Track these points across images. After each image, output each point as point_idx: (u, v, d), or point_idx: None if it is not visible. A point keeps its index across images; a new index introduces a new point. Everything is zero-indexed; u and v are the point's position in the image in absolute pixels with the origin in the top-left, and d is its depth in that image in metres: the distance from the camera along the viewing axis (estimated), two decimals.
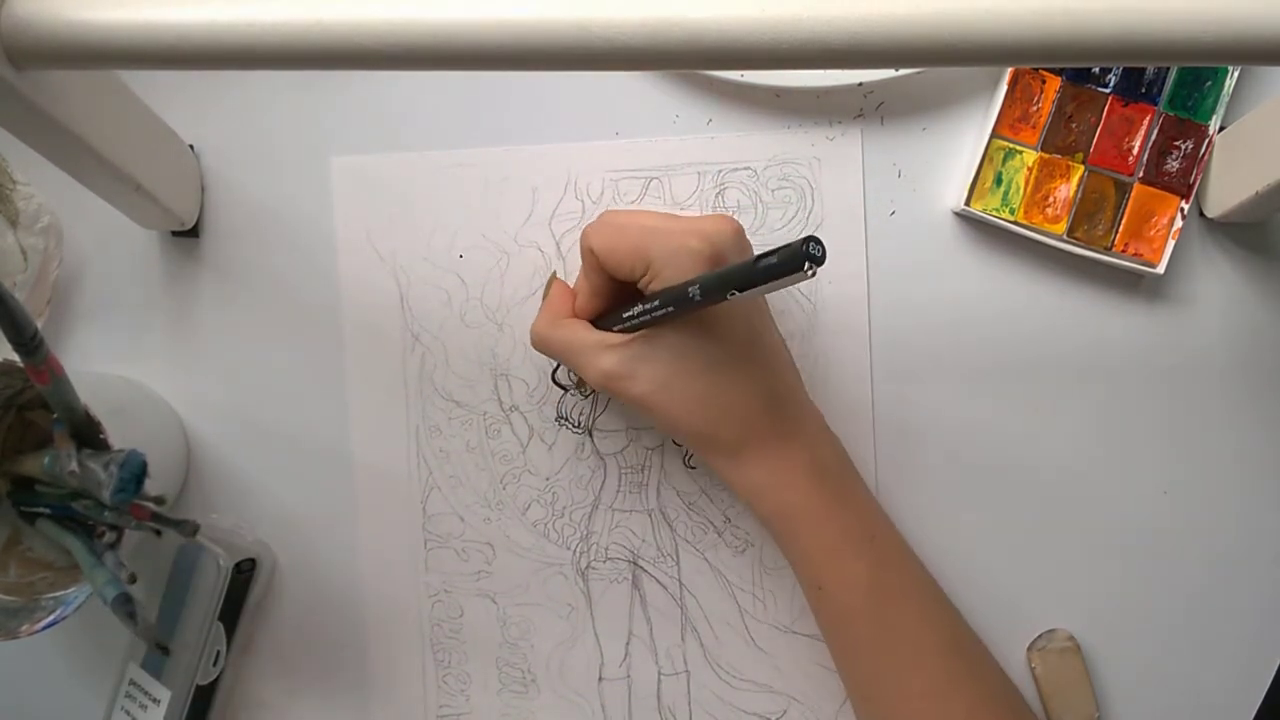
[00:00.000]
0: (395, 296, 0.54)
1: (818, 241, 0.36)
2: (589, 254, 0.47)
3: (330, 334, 0.54)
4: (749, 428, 0.47)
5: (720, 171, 0.53)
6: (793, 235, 0.53)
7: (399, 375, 0.54)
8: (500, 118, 0.54)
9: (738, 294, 0.40)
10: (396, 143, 0.54)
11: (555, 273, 0.53)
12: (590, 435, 0.54)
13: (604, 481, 0.54)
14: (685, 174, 0.53)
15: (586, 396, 0.53)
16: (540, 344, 0.50)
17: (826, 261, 0.52)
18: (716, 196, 0.53)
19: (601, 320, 0.49)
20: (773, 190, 0.53)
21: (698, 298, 0.42)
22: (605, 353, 0.46)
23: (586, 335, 0.48)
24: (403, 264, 0.54)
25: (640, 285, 0.46)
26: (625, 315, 0.46)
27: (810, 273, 0.36)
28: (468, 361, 0.54)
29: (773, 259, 0.38)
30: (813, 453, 0.48)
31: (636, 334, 0.46)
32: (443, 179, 0.54)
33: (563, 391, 0.53)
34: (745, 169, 0.53)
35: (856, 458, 0.50)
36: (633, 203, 0.53)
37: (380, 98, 0.54)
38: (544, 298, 0.53)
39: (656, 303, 0.44)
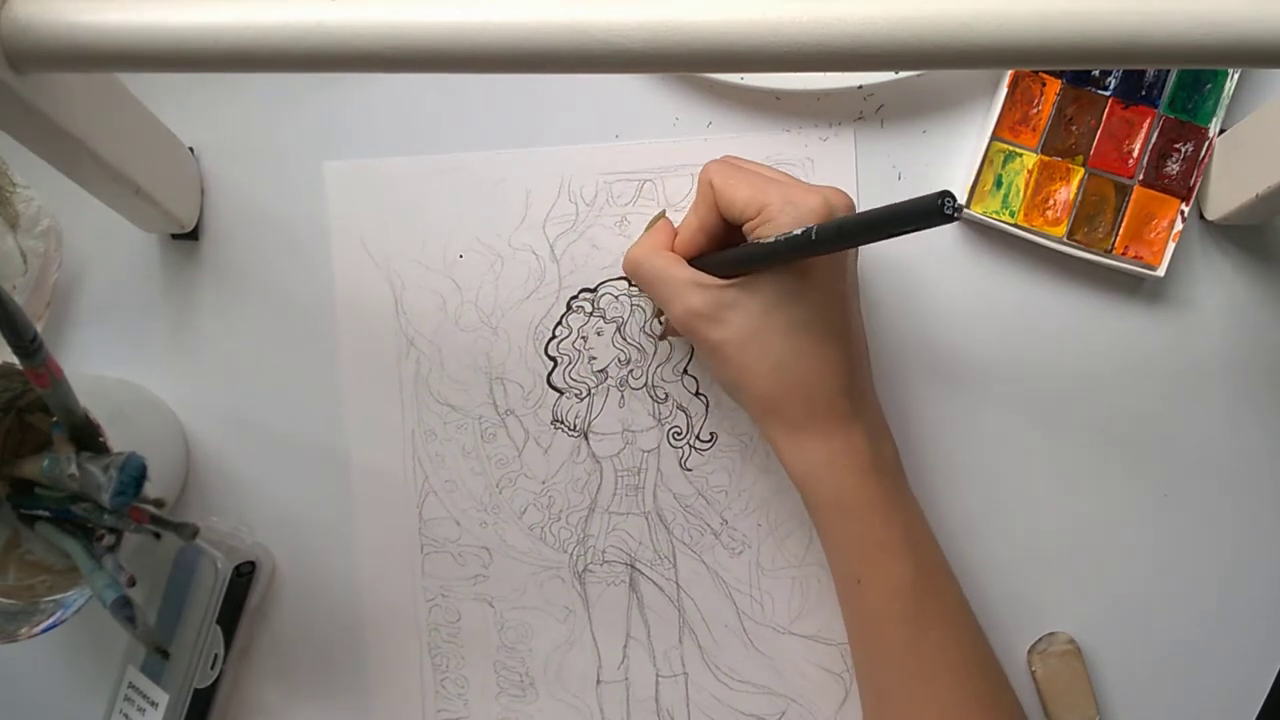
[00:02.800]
0: (390, 300, 0.54)
1: (952, 196, 0.36)
2: (706, 187, 0.47)
3: (328, 338, 0.54)
4: (818, 404, 0.46)
5: None
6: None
7: (394, 379, 0.54)
8: (498, 122, 0.54)
9: (849, 242, 0.41)
10: (393, 146, 0.54)
11: (663, 211, 0.53)
12: (586, 438, 0.54)
13: (600, 484, 0.54)
14: (679, 176, 0.53)
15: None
16: (632, 269, 0.50)
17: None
18: None
19: (698, 261, 0.48)
20: None
21: (814, 238, 0.41)
22: (696, 290, 0.46)
23: (681, 270, 0.47)
24: (397, 268, 0.54)
25: (747, 229, 0.45)
26: (725, 257, 0.46)
27: (952, 216, 0.36)
28: (462, 365, 0.54)
29: (903, 210, 0.37)
30: (875, 444, 0.47)
31: (730, 280, 0.46)
32: (436, 183, 0.54)
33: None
34: None
35: None
36: (627, 204, 0.53)
37: (378, 101, 0.54)
38: (646, 230, 0.53)
39: (766, 246, 0.44)
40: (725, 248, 0.47)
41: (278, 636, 0.54)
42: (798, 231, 0.42)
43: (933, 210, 0.36)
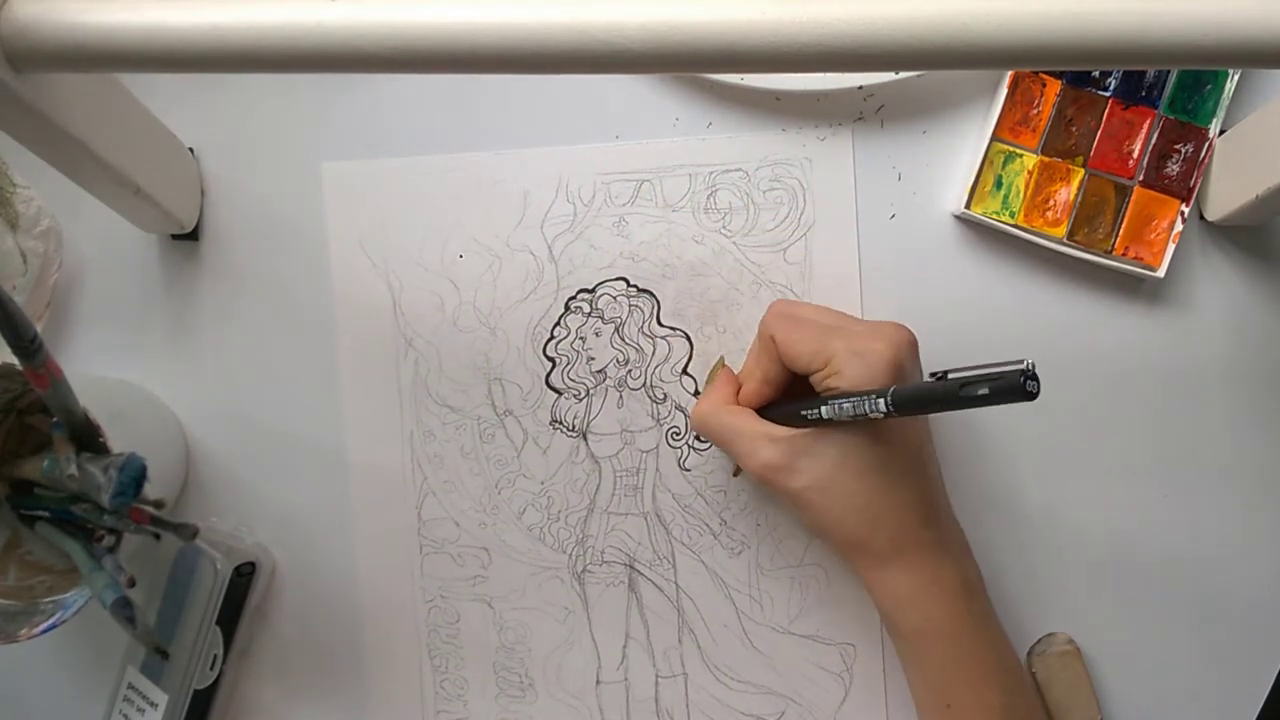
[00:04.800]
0: (388, 301, 0.54)
1: (1034, 377, 0.36)
2: (768, 342, 0.48)
3: (327, 338, 0.54)
4: (903, 538, 0.46)
5: (712, 173, 0.53)
6: (786, 236, 0.53)
7: (393, 380, 0.54)
8: (499, 123, 0.54)
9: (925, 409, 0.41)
10: (393, 147, 0.54)
11: (723, 358, 0.53)
12: (585, 438, 0.54)
13: (599, 485, 0.54)
14: (677, 176, 0.53)
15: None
16: (702, 426, 0.50)
17: (828, 265, 0.53)
18: (708, 198, 0.53)
19: (766, 410, 0.49)
20: (764, 191, 0.53)
21: (889, 407, 0.41)
22: (769, 444, 0.46)
23: (752, 424, 0.48)
24: (395, 269, 0.54)
25: (814, 379, 0.46)
26: (802, 411, 0.46)
27: (1033, 394, 0.36)
28: (461, 366, 0.54)
29: (985, 389, 0.37)
30: (963, 571, 0.48)
31: (803, 430, 0.46)
32: (434, 184, 0.54)
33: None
34: (737, 170, 0.53)
35: None
36: (624, 205, 0.53)
37: (378, 102, 0.54)
38: (708, 382, 0.53)
39: (840, 404, 0.44)
40: (789, 392, 0.48)
41: (277, 637, 0.54)
42: (869, 407, 0.42)
43: (1014, 388, 0.36)
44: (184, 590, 0.51)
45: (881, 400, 0.42)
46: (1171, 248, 0.51)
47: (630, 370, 0.54)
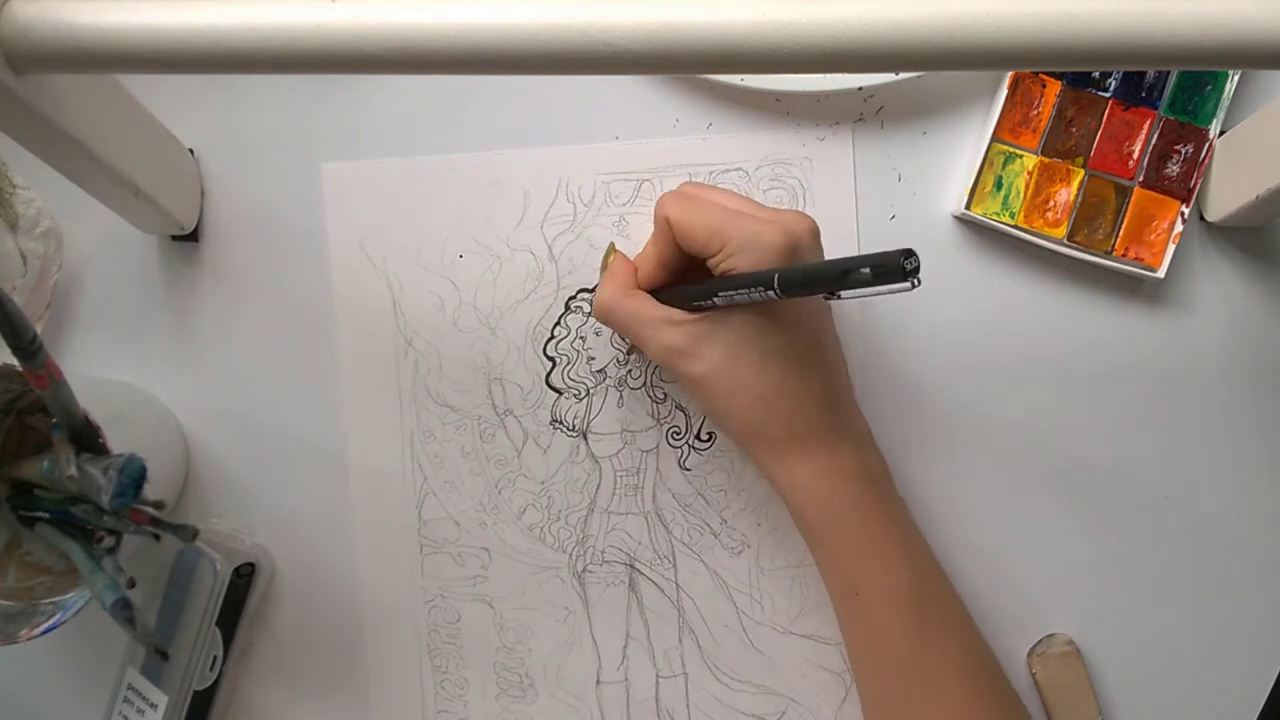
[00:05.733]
0: (388, 302, 0.54)
1: (912, 254, 0.36)
2: (664, 223, 0.47)
3: (327, 339, 0.54)
4: (801, 424, 0.46)
5: (712, 173, 0.53)
6: None
7: (393, 380, 0.54)
8: (499, 124, 0.54)
9: (822, 296, 0.40)
10: (393, 147, 0.54)
11: (614, 244, 0.53)
12: (585, 438, 0.54)
13: (599, 484, 0.54)
14: (677, 175, 0.53)
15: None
16: (604, 314, 0.50)
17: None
18: None
19: (661, 294, 0.48)
20: (764, 191, 0.53)
21: (775, 292, 0.41)
22: (670, 328, 0.46)
23: (653, 309, 0.47)
24: (395, 269, 0.54)
25: (710, 263, 0.46)
26: (691, 294, 0.46)
27: (912, 285, 0.35)
28: (461, 366, 0.54)
29: (865, 269, 0.37)
30: (862, 458, 0.48)
31: (703, 313, 0.46)
32: (434, 184, 0.54)
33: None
34: (737, 170, 0.53)
35: None
36: (624, 204, 0.53)
37: (379, 102, 0.54)
38: (602, 269, 0.53)
39: (732, 288, 0.44)
40: (686, 277, 0.48)
41: (277, 638, 0.54)
42: (770, 279, 0.42)
43: (893, 268, 0.35)
44: (184, 591, 0.51)
45: (771, 280, 0.42)
46: (1171, 248, 0.51)
47: (630, 370, 0.54)
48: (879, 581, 0.47)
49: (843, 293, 0.39)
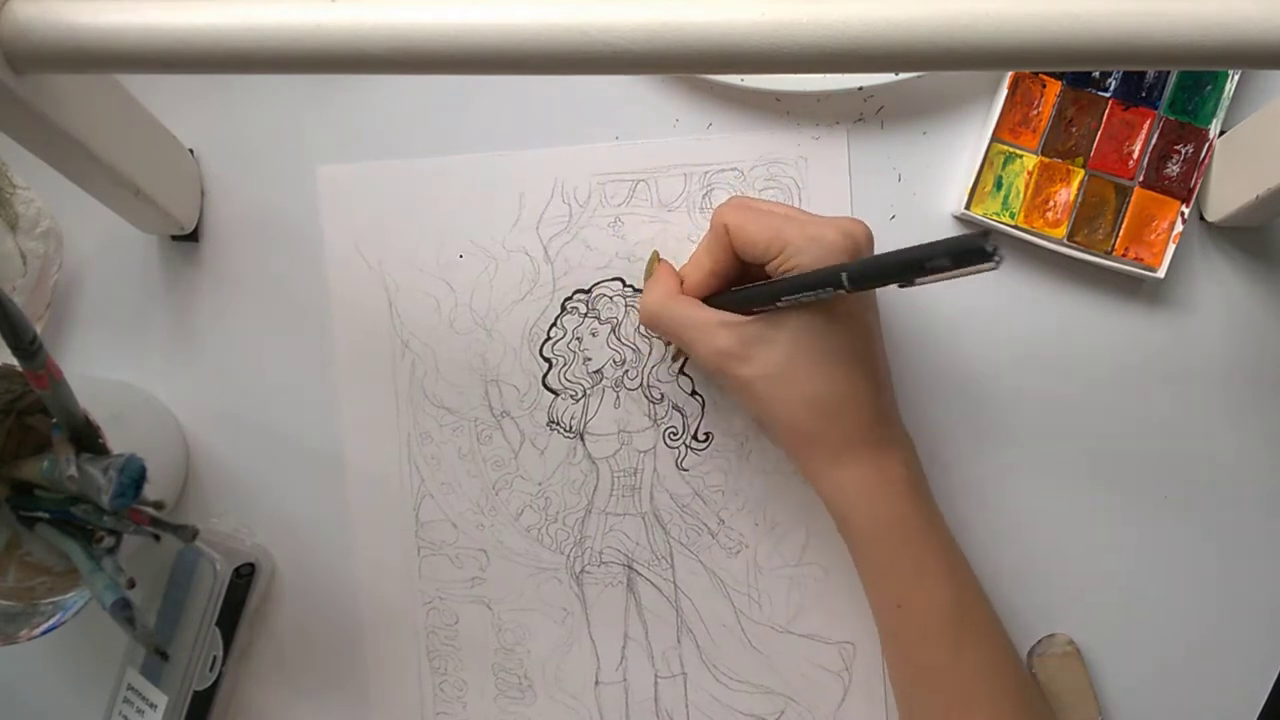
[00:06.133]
0: (384, 304, 0.54)
1: (990, 234, 0.34)
2: (721, 230, 0.47)
3: (325, 341, 0.54)
4: (851, 432, 0.46)
5: (707, 173, 0.53)
6: None
7: (390, 382, 0.54)
8: (498, 125, 0.54)
9: (896, 285, 0.39)
10: (394, 149, 0.54)
11: (657, 251, 0.53)
12: (582, 439, 0.54)
13: (596, 485, 0.54)
14: (672, 176, 0.53)
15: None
16: (650, 318, 0.49)
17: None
18: (704, 198, 0.53)
19: (712, 300, 0.48)
20: (760, 191, 0.53)
21: (845, 284, 0.41)
22: (722, 330, 0.46)
23: (702, 313, 0.47)
24: (391, 271, 0.54)
25: (770, 267, 0.45)
26: (750, 297, 0.46)
27: (994, 263, 0.33)
28: (458, 368, 0.54)
29: (944, 258, 0.35)
30: (909, 468, 0.47)
31: (756, 315, 0.45)
32: (429, 186, 0.54)
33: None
34: (732, 170, 0.53)
35: None
36: (620, 205, 0.53)
37: (379, 103, 0.54)
38: (646, 277, 0.52)
39: (798, 288, 0.43)
40: (736, 284, 0.47)
41: (277, 639, 0.54)
42: (839, 274, 0.41)
43: (974, 250, 0.33)
44: (183, 591, 0.51)
45: (839, 276, 0.41)
46: (1171, 248, 0.51)
47: (627, 370, 0.54)
48: (922, 593, 0.46)
49: (918, 279, 0.38)
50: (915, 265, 0.37)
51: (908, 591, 0.47)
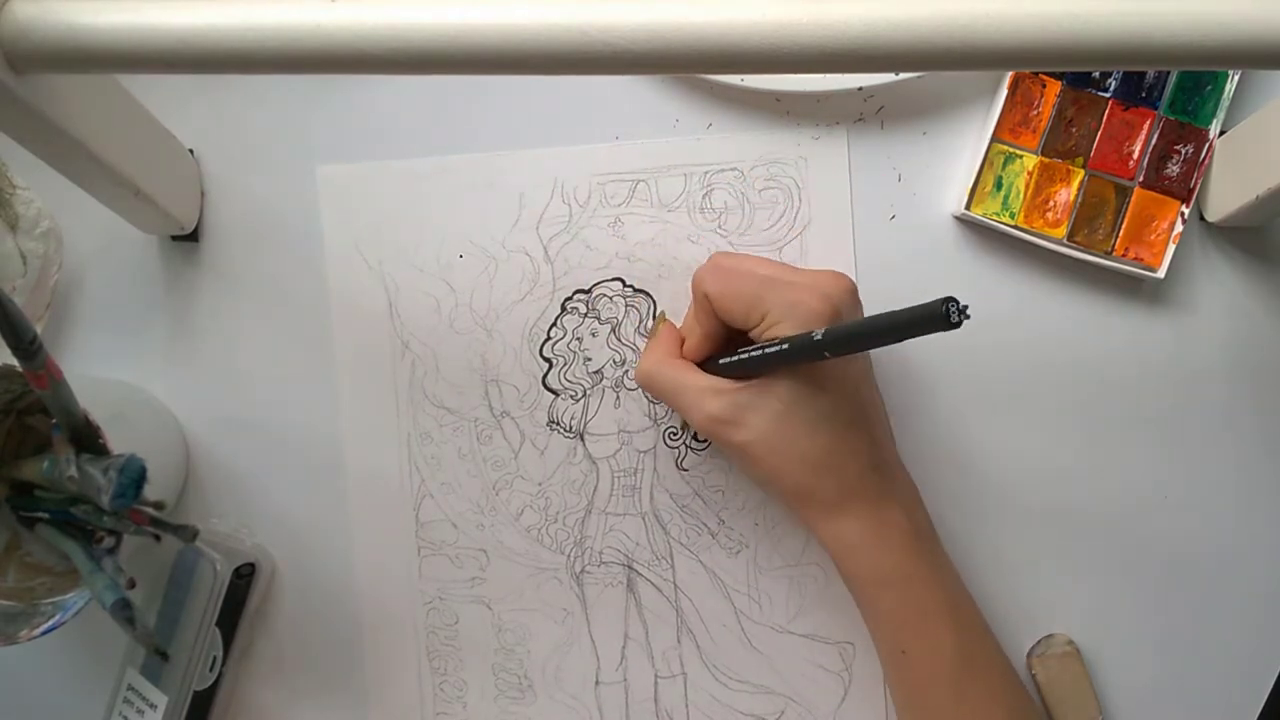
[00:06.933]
0: (384, 304, 0.54)
1: (955, 301, 0.36)
2: (703, 299, 0.47)
3: (325, 341, 0.54)
4: (849, 486, 0.46)
5: (707, 173, 0.53)
6: (781, 235, 0.53)
7: (389, 382, 0.54)
8: (498, 125, 0.54)
9: (860, 348, 0.42)
10: (393, 149, 0.54)
11: (664, 313, 0.53)
12: (582, 439, 0.54)
13: (596, 486, 0.54)
14: (672, 176, 0.53)
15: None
16: (646, 382, 0.50)
17: (824, 263, 0.53)
18: (703, 198, 0.53)
19: (708, 364, 0.49)
20: (759, 191, 0.53)
21: (824, 351, 0.42)
22: (713, 397, 0.46)
23: (695, 378, 0.48)
24: (390, 271, 0.54)
25: (753, 335, 0.46)
26: (739, 353, 0.46)
27: (957, 322, 0.36)
28: (458, 368, 0.54)
29: (909, 327, 0.38)
30: (910, 517, 0.48)
31: (747, 382, 0.46)
32: (429, 186, 0.54)
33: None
34: (732, 170, 0.53)
35: None
36: (620, 205, 0.53)
37: (379, 104, 0.54)
38: (650, 337, 0.53)
39: (776, 361, 0.44)
40: (732, 343, 0.48)
41: (277, 639, 0.54)
42: (807, 337, 0.42)
43: (937, 317, 0.36)
44: (184, 591, 0.51)
45: (819, 348, 0.42)
46: (1171, 249, 0.51)
47: (627, 370, 0.54)
48: (925, 640, 0.47)
49: (892, 343, 0.40)
50: (884, 334, 0.40)
51: (910, 639, 0.47)
